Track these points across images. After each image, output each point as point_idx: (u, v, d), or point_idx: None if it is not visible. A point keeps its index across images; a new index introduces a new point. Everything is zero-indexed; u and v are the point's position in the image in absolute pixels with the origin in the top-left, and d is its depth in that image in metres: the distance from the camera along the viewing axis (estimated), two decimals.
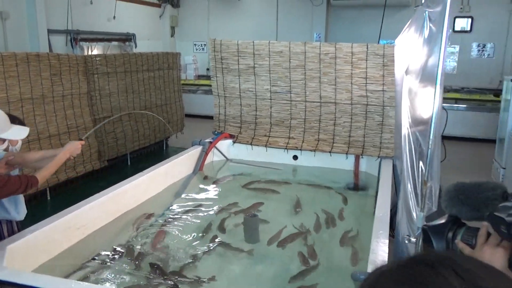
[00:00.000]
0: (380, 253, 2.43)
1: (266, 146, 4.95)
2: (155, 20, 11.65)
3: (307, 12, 10.84)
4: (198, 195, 4.16)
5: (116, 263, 2.81)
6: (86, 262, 2.78)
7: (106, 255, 2.89)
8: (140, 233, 3.27)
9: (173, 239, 3.20)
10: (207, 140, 4.99)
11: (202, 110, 9.93)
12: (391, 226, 3.28)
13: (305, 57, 4.58)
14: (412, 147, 2.36)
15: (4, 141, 2.50)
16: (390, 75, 4.30)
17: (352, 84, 4.51)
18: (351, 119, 4.65)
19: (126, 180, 3.69)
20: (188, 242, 3.17)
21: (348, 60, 4.44)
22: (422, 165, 1.93)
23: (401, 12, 9.29)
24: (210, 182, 4.49)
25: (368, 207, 3.81)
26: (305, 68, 4.63)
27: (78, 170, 5.78)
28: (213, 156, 5.04)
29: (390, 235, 3.16)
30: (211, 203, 3.94)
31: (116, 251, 2.95)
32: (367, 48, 4.34)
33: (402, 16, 8.65)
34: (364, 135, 4.63)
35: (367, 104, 4.53)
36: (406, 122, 2.63)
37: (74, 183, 5.79)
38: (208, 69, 10.80)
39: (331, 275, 2.82)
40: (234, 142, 5.09)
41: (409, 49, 3.13)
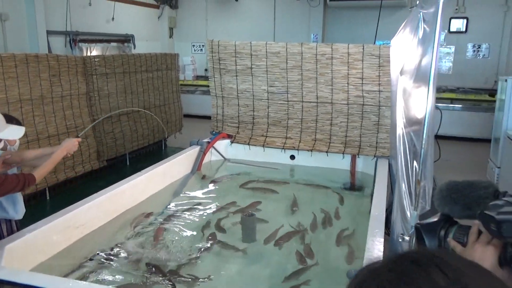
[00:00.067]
0: (376, 252, 2.43)
1: (264, 146, 4.95)
2: (154, 21, 11.64)
3: (304, 13, 10.85)
4: (196, 195, 4.16)
5: (114, 262, 2.81)
6: (85, 262, 2.78)
7: (105, 254, 2.89)
8: (139, 232, 3.26)
9: (171, 238, 3.20)
10: (205, 140, 4.99)
11: (201, 110, 9.95)
12: (387, 225, 3.29)
13: (302, 58, 4.58)
14: (407, 147, 2.36)
15: (0, 141, 2.50)
16: (386, 76, 4.30)
17: (349, 85, 4.52)
18: (348, 119, 4.66)
19: (125, 180, 3.68)
20: (186, 241, 3.17)
21: (345, 61, 4.45)
22: (416, 165, 1.94)
23: (397, 13, 9.31)
24: (208, 182, 4.49)
25: (365, 206, 3.81)
26: (302, 69, 4.63)
27: (77, 170, 5.77)
28: (211, 156, 5.03)
29: (386, 234, 3.17)
30: (209, 202, 3.94)
31: (114, 250, 2.95)
32: (363, 49, 4.35)
33: (398, 17, 8.66)
34: (361, 135, 4.64)
35: (363, 104, 4.54)
36: (401, 122, 2.63)
37: (73, 183, 5.78)
38: (206, 70, 10.79)
39: (327, 274, 2.82)
40: (232, 142, 5.09)
41: (404, 50, 3.14)
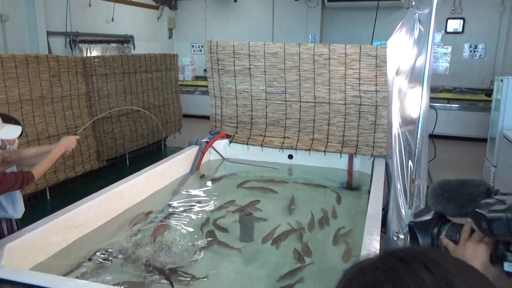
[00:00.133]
0: (372, 250, 2.43)
1: (262, 146, 4.96)
2: (153, 22, 11.64)
3: (303, 14, 10.85)
4: (195, 194, 4.17)
5: (113, 262, 2.81)
6: (84, 261, 2.78)
7: (104, 254, 2.89)
8: (137, 232, 3.27)
9: (170, 237, 3.20)
10: (204, 140, 4.99)
11: (200, 111, 9.95)
12: (384, 224, 3.29)
13: (300, 58, 4.59)
14: (402, 146, 2.37)
15: None
16: (383, 76, 4.31)
17: (346, 85, 4.52)
18: (345, 119, 4.66)
19: (124, 180, 3.69)
20: (185, 240, 3.17)
21: (342, 61, 4.45)
22: (411, 164, 1.94)
23: (394, 14, 9.31)
24: (207, 181, 4.49)
25: (362, 205, 3.82)
26: (300, 69, 4.63)
27: (77, 170, 5.77)
28: (210, 156, 5.04)
29: (383, 232, 3.18)
30: (208, 202, 3.95)
31: (114, 250, 2.94)
32: (360, 49, 4.35)
33: (395, 18, 8.67)
34: (358, 135, 4.64)
35: (361, 104, 4.54)
36: (396, 122, 2.64)
37: (73, 183, 5.78)
38: (206, 70, 10.79)
39: (324, 272, 2.82)
40: (231, 142, 5.10)
41: (401, 50, 3.14)
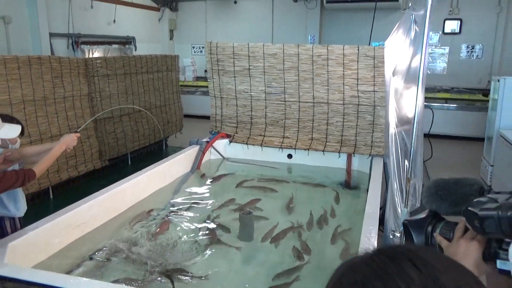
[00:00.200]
0: (370, 248, 2.42)
1: (262, 145, 4.96)
2: (154, 24, 11.65)
3: (302, 15, 10.86)
4: (196, 193, 4.17)
5: (115, 260, 2.82)
6: (86, 259, 2.79)
7: (105, 252, 2.90)
8: (139, 230, 3.27)
9: (171, 236, 3.20)
10: (204, 140, 5.00)
11: (201, 111, 9.96)
12: (382, 222, 3.30)
13: (299, 59, 4.59)
14: (398, 146, 2.37)
15: None
16: (381, 76, 4.31)
17: (344, 85, 4.53)
18: (343, 119, 4.67)
19: (126, 179, 3.70)
20: (186, 238, 3.17)
21: (340, 62, 4.45)
22: (407, 163, 1.95)
23: (392, 15, 9.31)
24: (207, 180, 4.50)
25: (360, 204, 3.82)
26: (299, 70, 4.64)
27: (80, 170, 5.78)
28: (210, 155, 5.04)
29: (381, 230, 3.19)
30: (208, 200, 3.95)
31: (115, 248, 2.95)
32: (358, 50, 4.35)
33: (393, 19, 8.66)
34: (356, 134, 4.65)
35: (359, 104, 4.54)
36: (393, 122, 2.64)
37: (76, 182, 5.79)
38: (206, 71, 10.79)
39: (322, 270, 2.82)
40: (231, 142, 5.10)
41: (397, 51, 3.15)
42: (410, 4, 2.70)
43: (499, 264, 0.92)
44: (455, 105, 9.02)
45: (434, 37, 9.93)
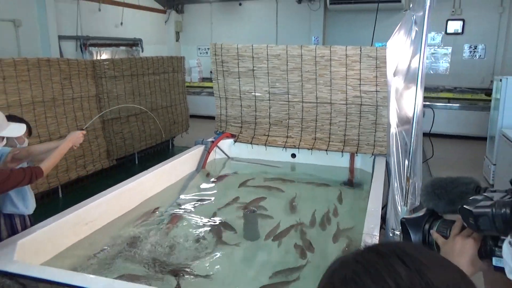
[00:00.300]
0: None
1: (266, 145, 4.97)
2: (161, 26, 11.69)
3: (305, 17, 10.84)
4: (201, 191, 4.19)
5: (121, 257, 2.84)
6: (93, 256, 2.81)
7: (112, 249, 2.92)
8: (146, 228, 3.29)
9: (176, 234, 3.22)
10: (210, 140, 5.01)
11: (207, 111, 9.96)
12: (384, 220, 3.29)
13: (302, 60, 4.59)
14: (399, 145, 2.37)
15: (3, 139, 2.51)
16: (383, 76, 4.30)
17: (347, 85, 4.52)
18: (346, 119, 4.66)
19: (133, 178, 3.72)
20: (191, 237, 3.19)
21: (343, 62, 4.45)
22: (407, 162, 1.95)
23: (395, 16, 9.27)
24: (212, 179, 4.51)
25: (362, 203, 3.81)
26: (302, 70, 4.64)
27: (88, 169, 5.82)
28: (215, 155, 5.06)
29: (383, 229, 3.18)
30: (213, 199, 3.97)
31: (122, 246, 2.97)
32: (361, 51, 4.34)
33: (396, 19, 8.59)
34: (359, 134, 4.64)
35: (361, 104, 4.54)
36: (394, 122, 2.64)
37: (84, 181, 5.84)
38: (212, 72, 10.83)
39: (323, 268, 2.82)
40: (235, 141, 5.12)
41: (399, 51, 3.14)
42: (412, 5, 2.70)
43: (495, 261, 0.92)
44: (458, 105, 8.98)
45: (437, 38, 9.89)
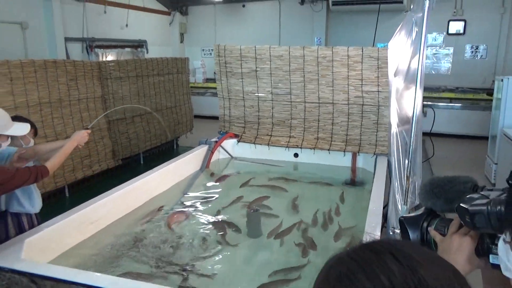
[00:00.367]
0: None
1: (269, 145, 4.98)
2: (165, 27, 11.73)
3: (308, 18, 10.84)
4: (205, 191, 4.20)
5: (126, 255, 2.86)
6: (99, 254, 2.83)
7: (118, 248, 2.94)
8: (151, 226, 3.31)
9: (180, 233, 3.23)
10: (213, 140, 5.03)
11: (211, 111, 9.98)
12: (386, 219, 3.29)
13: (304, 61, 4.60)
14: (400, 145, 2.37)
15: (8, 138, 2.51)
16: (384, 77, 4.29)
17: (349, 86, 4.52)
18: (348, 119, 4.66)
19: (138, 177, 3.74)
20: (195, 235, 3.20)
21: (345, 63, 4.45)
22: (407, 161, 1.95)
23: (397, 17, 9.25)
24: (216, 179, 4.52)
25: (364, 202, 3.81)
26: (304, 71, 4.64)
27: (94, 169, 5.86)
28: (219, 155, 5.07)
29: (385, 227, 3.18)
30: (217, 198, 3.98)
31: (127, 244, 2.99)
32: (362, 51, 4.34)
33: (398, 20, 8.55)
34: (361, 134, 4.64)
35: (363, 104, 4.53)
36: (395, 122, 2.64)
37: (90, 181, 5.87)
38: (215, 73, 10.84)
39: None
40: (238, 141, 5.13)
41: (400, 52, 3.14)
42: (412, 6, 2.70)
43: (492, 259, 0.92)
44: (460, 105, 8.95)
45: (439, 38, 9.86)
